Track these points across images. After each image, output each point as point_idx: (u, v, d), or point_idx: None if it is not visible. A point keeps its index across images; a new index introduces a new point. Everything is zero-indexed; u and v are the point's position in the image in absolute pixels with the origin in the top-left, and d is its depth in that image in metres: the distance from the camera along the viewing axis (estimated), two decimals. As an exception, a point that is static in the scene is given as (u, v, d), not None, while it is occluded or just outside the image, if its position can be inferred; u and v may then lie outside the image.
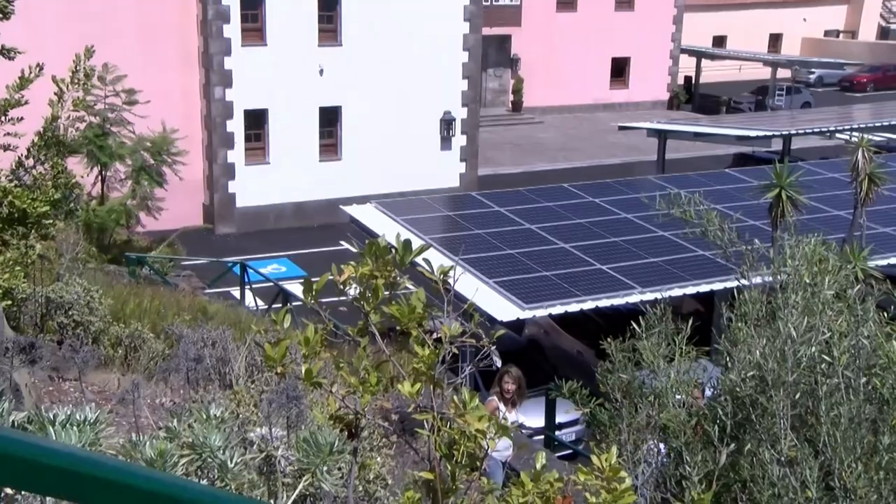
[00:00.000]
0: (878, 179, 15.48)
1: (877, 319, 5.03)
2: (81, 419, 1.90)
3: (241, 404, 3.86)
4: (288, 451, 2.92)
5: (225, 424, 2.46)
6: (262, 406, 3.55)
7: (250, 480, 2.59)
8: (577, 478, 3.68)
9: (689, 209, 6.20)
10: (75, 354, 6.81)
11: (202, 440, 2.24)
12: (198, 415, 2.47)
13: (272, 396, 3.14)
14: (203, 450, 2.24)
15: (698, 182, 21.02)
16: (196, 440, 2.25)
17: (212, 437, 2.28)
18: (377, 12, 28.77)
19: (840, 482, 4.25)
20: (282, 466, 2.77)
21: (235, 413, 4.62)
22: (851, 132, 25.40)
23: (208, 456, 2.25)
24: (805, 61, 50.36)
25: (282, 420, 3.14)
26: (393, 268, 3.53)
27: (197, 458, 2.24)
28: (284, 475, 2.77)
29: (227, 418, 2.72)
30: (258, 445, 2.83)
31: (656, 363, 4.90)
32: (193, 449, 2.24)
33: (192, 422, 2.43)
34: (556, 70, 44.14)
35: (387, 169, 29.30)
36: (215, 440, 2.28)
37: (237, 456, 2.36)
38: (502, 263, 16.74)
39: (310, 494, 2.83)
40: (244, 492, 2.44)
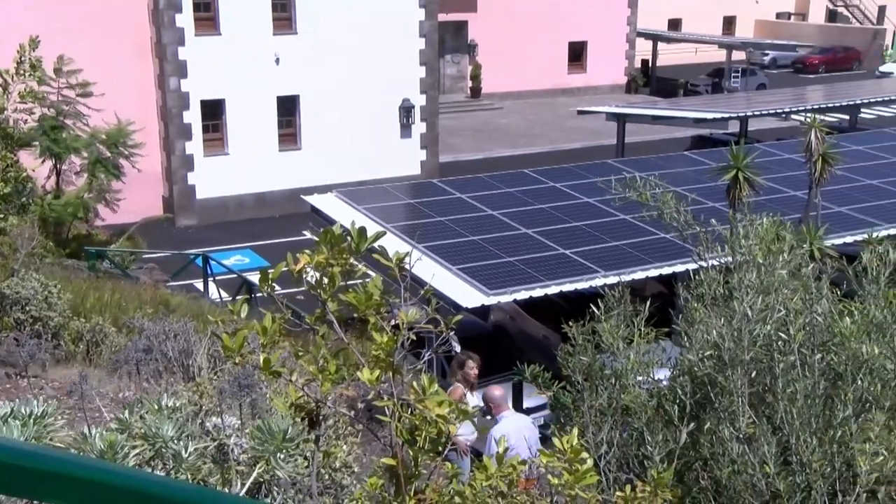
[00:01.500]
0: (832, 160, 15.72)
1: (830, 297, 5.11)
2: (27, 413, 1.87)
3: (204, 395, 3.84)
4: (241, 439, 2.91)
5: (178, 414, 2.45)
6: (215, 395, 3.53)
7: (208, 469, 2.58)
8: (539, 460, 3.72)
9: (644, 192, 6.25)
10: (37, 350, 6.72)
11: (154, 431, 2.23)
12: (150, 406, 2.45)
13: (224, 385, 3.13)
14: (155, 440, 2.23)
15: (657, 165, 21.19)
16: (148, 431, 2.23)
17: (164, 427, 2.26)
18: (332, 0, 28.59)
19: (796, 457, 4.33)
20: (235, 454, 2.76)
21: (198, 404, 4.60)
22: (806, 113, 25.74)
23: (161, 446, 2.24)
24: (759, 43, 50.95)
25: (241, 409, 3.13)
26: (349, 255, 3.53)
27: (150, 448, 2.22)
28: (238, 463, 2.76)
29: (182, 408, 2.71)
30: (211, 434, 2.82)
31: (615, 345, 4.95)
32: (146, 440, 2.23)
33: (143, 413, 2.42)
34: (514, 55, 44.20)
35: (347, 157, 29.20)
36: (168, 430, 2.26)
37: (192, 445, 2.35)
38: (465, 250, 16.77)
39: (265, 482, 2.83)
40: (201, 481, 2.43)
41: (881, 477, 4.11)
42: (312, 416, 3.40)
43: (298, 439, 2.61)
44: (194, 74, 27.21)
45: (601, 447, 4.58)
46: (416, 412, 3.44)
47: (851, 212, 18.33)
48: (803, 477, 4.23)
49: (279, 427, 2.54)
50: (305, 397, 3.39)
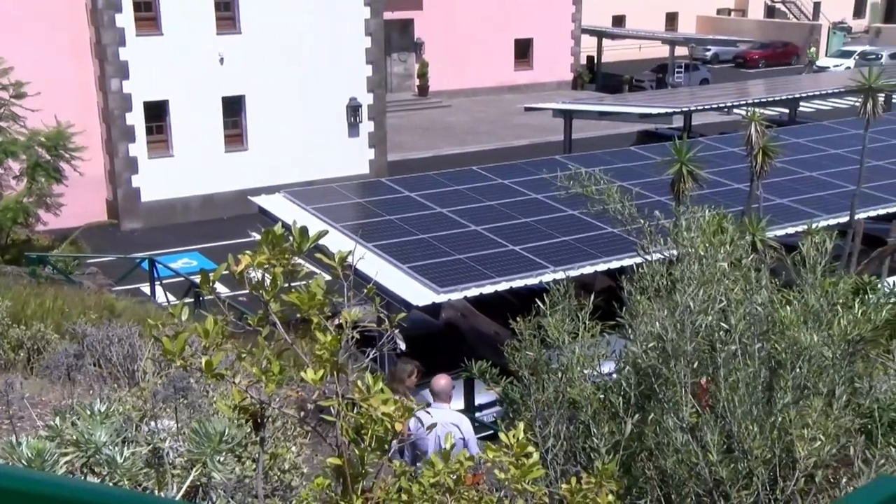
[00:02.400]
0: (772, 152, 16.02)
1: (770, 287, 5.21)
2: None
3: (148, 400, 3.79)
4: (178, 442, 2.88)
5: (112, 420, 2.41)
6: (149, 399, 3.49)
7: (145, 474, 2.55)
8: (486, 455, 3.74)
9: (589, 186, 6.31)
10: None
11: (87, 437, 2.19)
12: (82, 412, 2.41)
13: (157, 389, 3.10)
14: (88, 447, 2.19)
15: (604, 160, 21.40)
16: (80, 438, 2.19)
17: (97, 433, 2.22)
18: None
19: (739, 444, 4.41)
20: (170, 458, 2.73)
21: (142, 409, 4.53)
22: (747, 107, 26.19)
23: (94, 453, 2.20)
24: (701, 39, 51.74)
25: (180, 412, 3.09)
26: (291, 255, 3.51)
27: (82, 455, 2.18)
28: (174, 467, 2.73)
29: (116, 414, 2.67)
30: (145, 438, 2.78)
31: (561, 339, 4.99)
32: (77, 447, 2.19)
33: (75, 419, 2.37)
34: (461, 53, 44.31)
35: (295, 157, 29.00)
36: (101, 436, 2.23)
37: (126, 451, 2.31)
38: (415, 248, 16.77)
39: (202, 485, 2.80)
40: (137, 487, 2.39)
41: (819, 461, 4.21)
42: (257, 417, 3.38)
43: (233, 442, 2.59)
44: (136, 75, 26.80)
45: (548, 441, 4.62)
46: (362, 411, 3.44)
47: (792, 203, 18.72)
48: (745, 464, 4.31)
49: (216, 429, 2.51)
50: (250, 399, 3.37)
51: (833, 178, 20.25)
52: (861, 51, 50.79)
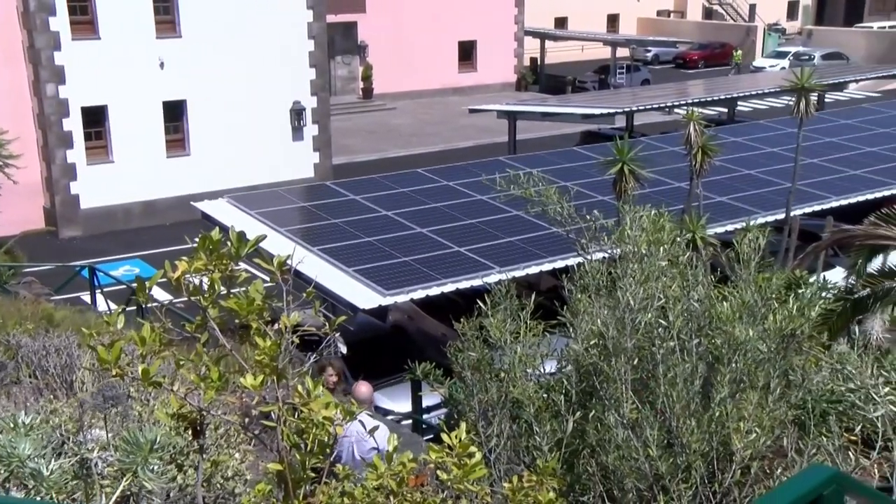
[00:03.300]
0: (711, 151, 16.31)
1: (706, 283, 5.31)
2: None
3: (76, 411, 3.72)
4: (108, 452, 2.84)
5: (38, 431, 2.36)
6: (76, 410, 3.43)
7: (73, 486, 2.51)
8: (428, 456, 3.75)
9: (528, 188, 6.36)
10: None
11: (10, 451, 2.14)
12: (4, 424, 2.36)
13: (84, 399, 3.05)
14: (11, 460, 2.14)
15: (548, 161, 21.60)
16: (2, 451, 2.14)
17: (21, 445, 2.18)
18: (216, 2, 28.05)
19: (677, 439, 4.49)
20: (99, 468, 2.69)
21: (80, 420, 4.45)
22: (687, 107, 26.62)
23: (17, 466, 2.15)
24: (641, 40, 52.43)
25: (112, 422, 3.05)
26: (229, 261, 3.49)
27: (4, 469, 2.14)
28: (102, 477, 2.69)
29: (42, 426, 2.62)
30: (72, 449, 2.74)
31: (503, 339, 5.03)
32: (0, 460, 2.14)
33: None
34: (405, 55, 44.31)
35: (238, 162, 28.72)
36: (25, 449, 2.18)
37: (54, 463, 2.27)
38: (361, 251, 16.73)
39: (132, 495, 2.76)
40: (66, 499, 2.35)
41: (754, 453, 4.30)
42: (196, 425, 3.35)
43: (166, 450, 2.56)
44: (73, 80, 26.27)
45: (491, 440, 4.65)
46: (303, 416, 3.43)
47: (731, 201, 19.08)
48: (684, 458, 4.39)
49: (147, 438, 2.48)
50: (189, 407, 3.33)
51: (770, 176, 20.69)
52: (795, 51, 51.94)
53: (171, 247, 24.14)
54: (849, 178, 20.99)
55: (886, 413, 4.78)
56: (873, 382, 4.91)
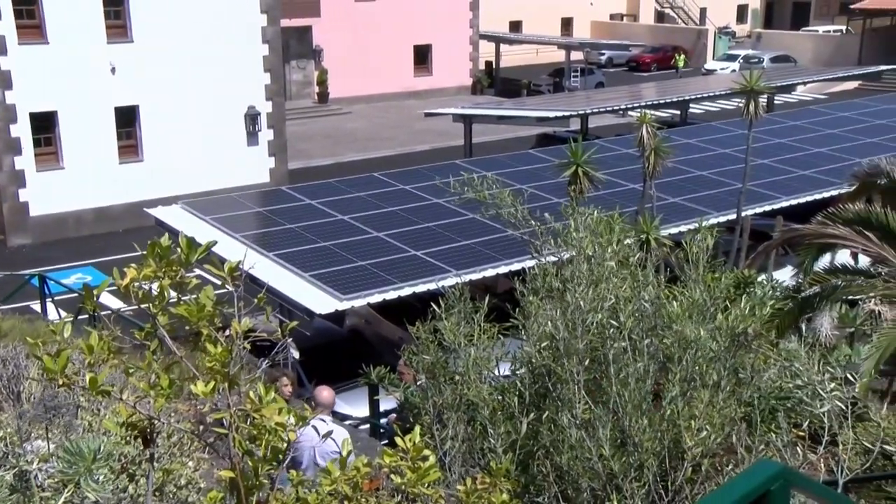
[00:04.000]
0: (663, 153, 16.51)
1: (656, 283, 5.39)
2: None
3: (12, 422, 3.66)
4: (47, 463, 2.80)
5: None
6: (12, 421, 3.38)
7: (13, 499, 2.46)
8: (383, 460, 3.75)
9: (482, 191, 6.40)
10: None
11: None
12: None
13: (24, 409, 3.01)
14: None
15: (503, 163, 21.69)
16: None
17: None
18: (168, 6, 27.75)
19: (630, 438, 4.54)
20: (39, 480, 2.65)
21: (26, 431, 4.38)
22: (641, 109, 26.92)
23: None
24: (595, 43, 52.90)
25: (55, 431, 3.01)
26: (179, 267, 3.46)
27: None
28: (43, 489, 2.66)
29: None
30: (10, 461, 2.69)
31: (457, 342, 5.05)
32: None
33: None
34: (360, 60, 44.24)
35: (193, 168, 28.43)
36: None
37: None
38: (317, 256, 16.65)
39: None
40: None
41: (705, 450, 4.37)
42: (146, 433, 3.31)
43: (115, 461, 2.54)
44: (21, 85, 25.80)
45: (446, 443, 4.67)
46: (255, 422, 3.41)
47: (684, 202, 19.33)
48: (636, 457, 4.45)
49: (90, 447, 2.46)
50: (138, 415, 3.30)
51: (722, 177, 20.99)
52: (745, 54, 52.78)
53: (125, 254, 23.82)
54: (798, 178, 21.39)
55: (832, 408, 4.89)
56: (820, 379, 5.01)
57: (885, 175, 11.39)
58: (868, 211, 10.67)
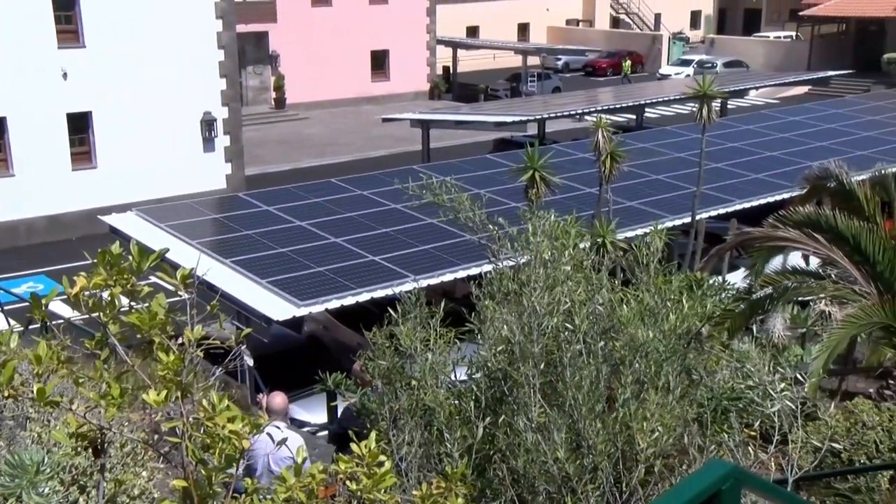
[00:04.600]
0: (619, 157, 16.67)
1: (610, 287, 5.44)
2: None
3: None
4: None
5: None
6: None
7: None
8: (338, 467, 3.74)
9: (440, 195, 6.41)
10: None
11: None
12: None
13: None
14: None
15: (461, 168, 21.75)
16: None
17: None
18: (121, 12, 27.42)
19: (584, 440, 4.58)
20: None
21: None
22: (598, 114, 27.16)
23: None
24: (552, 49, 53.30)
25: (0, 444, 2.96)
26: (130, 276, 3.43)
27: None
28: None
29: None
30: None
31: (413, 347, 5.06)
32: None
33: None
34: (317, 65, 44.12)
35: (148, 174, 28.12)
36: None
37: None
38: (275, 262, 16.55)
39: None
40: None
41: (658, 452, 4.42)
42: (96, 444, 3.27)
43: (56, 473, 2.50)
44: (-32, 91, 25.38)
45: (402, 448, 4.67)
46: (208, 430, 3.38)
47: (640, 205, 19.53)
48: (591, 459, 4.49)
49: (33, 459, 2.42)
50: (89, 425, 3.25)
51: (677, 181, 21.25)
52: (698, 59, 53.54)
53: (79, 262, 23.47)
54: (751, 181, 21.72)
55: (783, 408, 4.98)
56: (770, 379, 5.09)
57: (834, 178, 11.61)
58: (818, 214, 10.87)
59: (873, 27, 52.91)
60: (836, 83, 43.19)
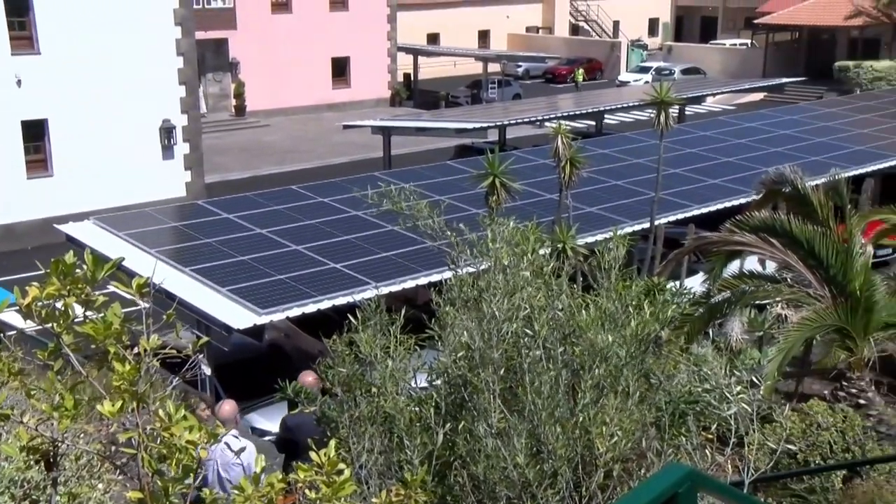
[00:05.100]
0: (579, 163, 16.76)
1: (569, 292, 5.48)
2: None
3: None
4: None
5: None
6: None
7: None
8: (297, 476, 3.73)
9: (399, 202, 6.42)
10: None
11: None
12: None
13: None
14: None
15: (422, 175, 21.76)
16: None
17: None
18: (77, 18, 27.09)
19: (544, 446, 4.61)
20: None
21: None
22: (558, 120, 27.33)
23: None
24: (512, 55, 53.59)
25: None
26: (84, 285, 3.38)
27: None
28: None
29: None
30: None
31: (373, 354, 5.05)
32: None
33: None
34: (278, 72, 43.92)
35: (106, 182, 27.76)
36: None
37: None
38: (235, 271, 16.42)
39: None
40: None
41: (617, 456, 4.46)
42: (49, 457, 3.22)
43: (2, 488, 2.46)
44: (-80, 98, 24.90)
45: (362, 456, 4.66)
46: (165, 440, 3.35)
47: (600, 211, 19.68)
48: (550, 464, 4.51)
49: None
50: (41, 438, 3.20)
51: (636, 186, 21.44)
52: (657, 66, 54.14)
53: (33, 272, 23.09)
54: (708, 187, 21.99)
55: (739, 411, 5.04)
56: (727, 382, 5.16)
57: (789, 183, 11.81)
58: (773, 219, 11.05)
59: (825, 36, 53.94)
60: (791, 90, 43.95)
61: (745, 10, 62.61)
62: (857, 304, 10.20)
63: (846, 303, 10.11)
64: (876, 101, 33.10)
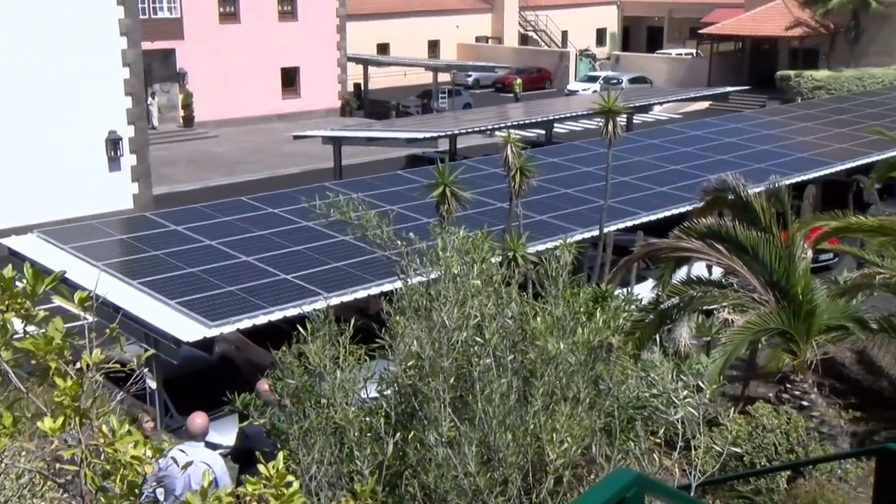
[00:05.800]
0: (529, 172, 16.89)
1: (520, 300, 5.51)
2: None
3: None
4: None
5: None
6: None
7: None
8: (246, 488, 3.69)
9: (348, 213, 6.40)
10: None
11: None
12: None
13: None
14: None
15: (373, 185, 21.71)
16: None
17: None
18: (18, 27, 26.58)
19: (495, 453, 4.62)
20: None
21: None
22: (508, 129, 27.52)
23: None
24: (462, 65, 53.81)
25: None
26: (24, 299, 3.31)
27: None
28: None
29: None
30: None
31: (322, 365, 5.03)
32: None
33: None
34: (226, 82, 43.55)
35: (51, 195, 27.23)
36: None
37: None
38: (184, 283, 16.22)
39: None
40: None
41: (567, 462, 4.49)
42: (-11, 475, 3.14)
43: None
44: None
45: (312, 468, 4.63)
46: (109, 456, 3.29)
47: (550, 219, 19.82)
48: (501, 472, 4.52)
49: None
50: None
51: (586, 194, 21.65)
52: (605, 76, 54.77)
53: (-24, 287, 22.55)
54: (656, 194, 22.28)
55: (686, 415, 5.11)
56: (674, 387, 5.23)
57: (732, 191, 12.02)
58: (719, 225, 11.23)
59: (766, 46, 55.14)
60: (735, 99, 44.75)
61: (689, 20, 63.67)
62: (800, 308, 10.41)
63: (789, 307, 10.30)
64: (816, 110, 33.87)
